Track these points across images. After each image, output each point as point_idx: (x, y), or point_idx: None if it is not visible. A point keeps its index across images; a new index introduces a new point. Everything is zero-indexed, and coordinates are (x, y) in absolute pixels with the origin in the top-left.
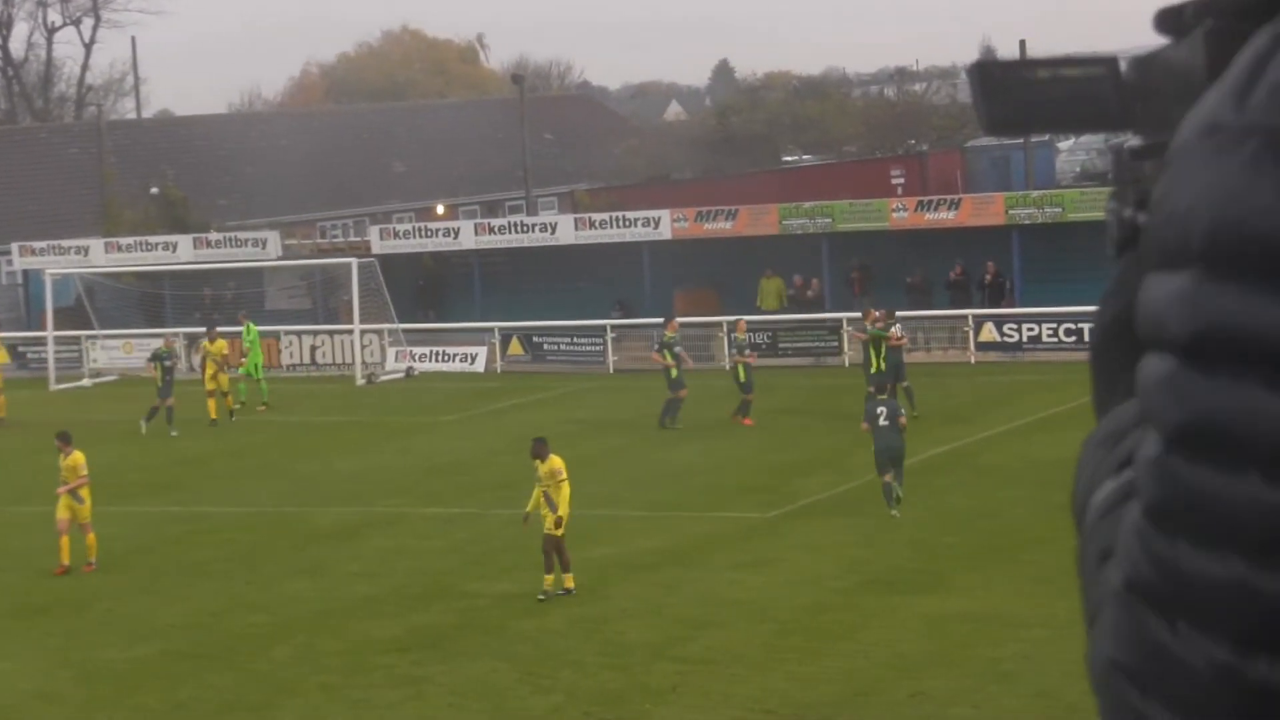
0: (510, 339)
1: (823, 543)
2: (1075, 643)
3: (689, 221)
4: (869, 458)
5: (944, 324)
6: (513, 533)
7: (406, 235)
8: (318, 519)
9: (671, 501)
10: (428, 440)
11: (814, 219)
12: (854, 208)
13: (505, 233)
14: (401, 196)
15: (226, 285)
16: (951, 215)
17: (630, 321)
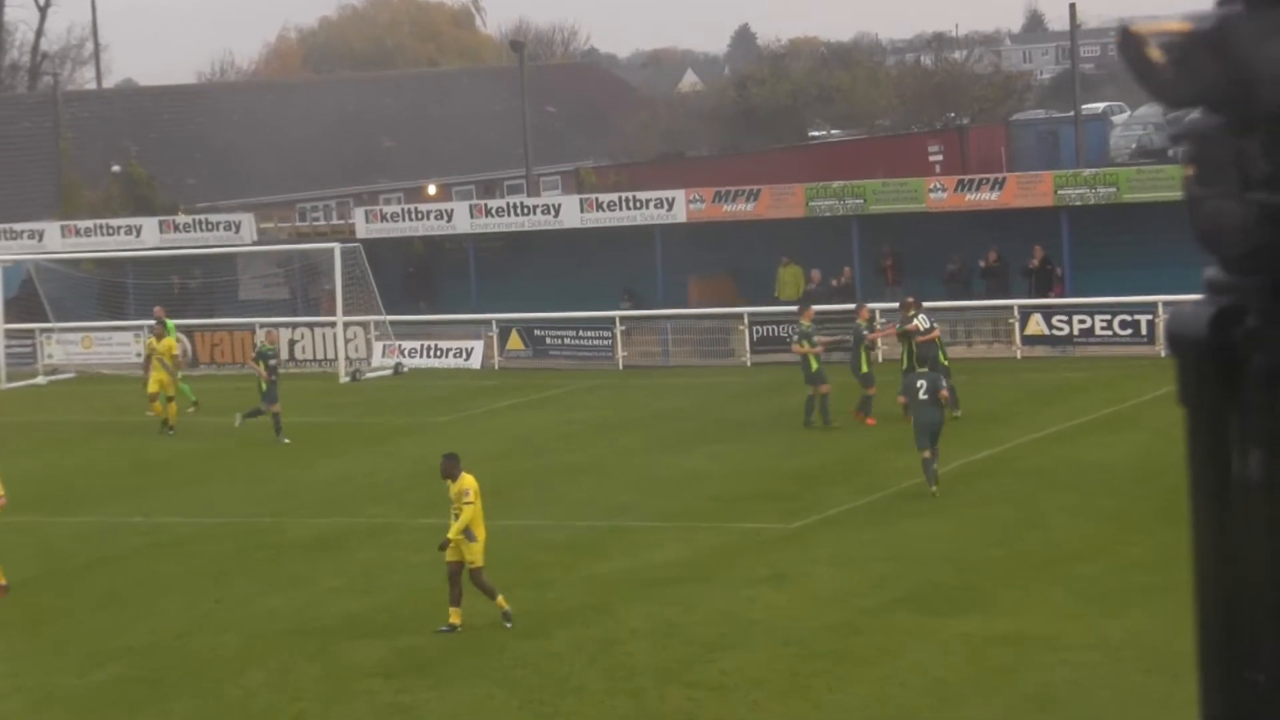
0: (509, 332)
1: (851, 556)
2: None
3: (706, 203)
4: (902, 463)
5: (986, 316)
6: (512, 545)
7: (395, 218)
8: (295, 530)
9: (685, 511)
10: (418, 443)
11: (843, 200)
12: (887, 188)
13: (503, 215)
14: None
15: (195, 273)
16: (995, 196)
17: (641, 313)
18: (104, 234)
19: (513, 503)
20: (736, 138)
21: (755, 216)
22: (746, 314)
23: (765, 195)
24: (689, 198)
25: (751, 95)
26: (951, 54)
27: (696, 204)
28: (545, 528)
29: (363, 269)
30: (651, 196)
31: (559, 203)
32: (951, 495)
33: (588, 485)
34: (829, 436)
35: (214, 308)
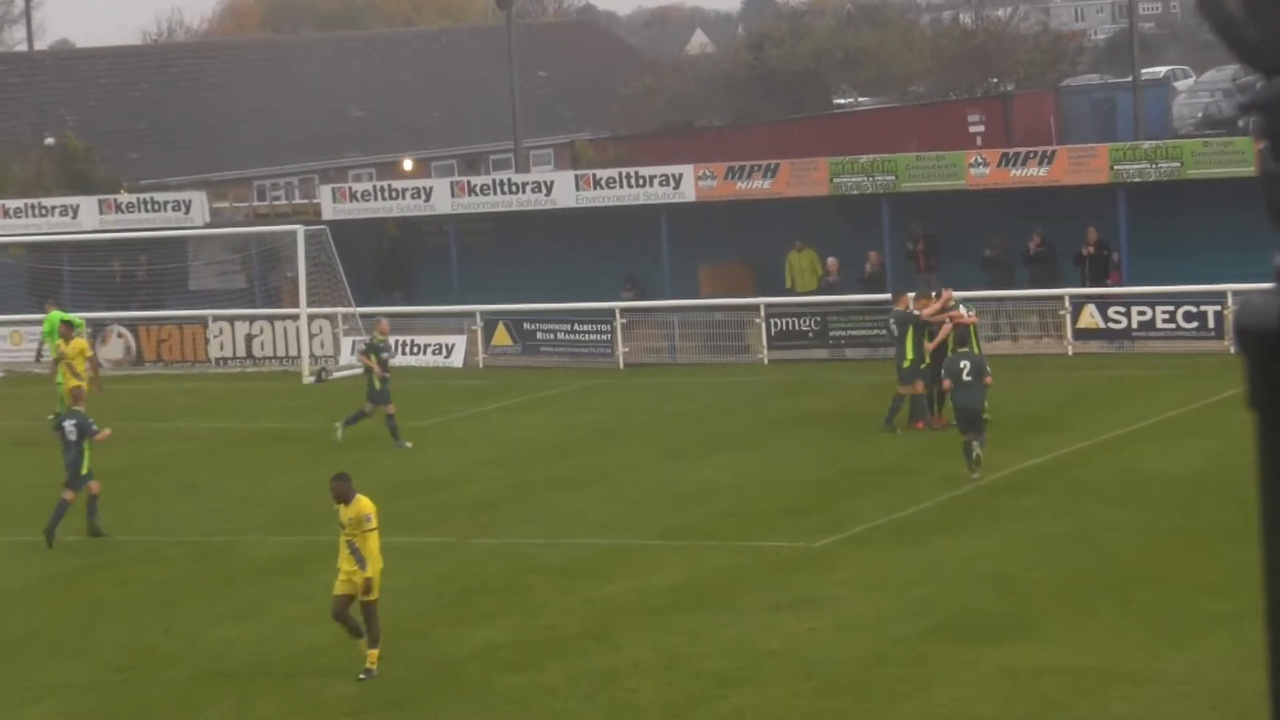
0: (495, 326)
1: (881, 579)
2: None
3: (717, 180)
4: (939, 472)
5: (1033, 307)
6: (499, 567)
7: (365, 197)
8: (253, 549)
9: (693, 528)
10: (392, 452)
11: (872, 177)
12: (922, 162)
13: (489, 193)
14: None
15: (140, 260)
16: (1043, 171)
17: (645, 304)
18: (36, 215)
19: (500, 519)
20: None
21: (773, 195)
22: (763, 305)
23: (784, 171)
24: (698, 174)
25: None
26: (994, 12)
27: (707, 181)
28: (536, 547)
29: (329, 254)
30: (656, 173)
31: (551, 180)
32: (994, 509)
33: (584, 499)
34: (856, 444)
35: (161, 299)
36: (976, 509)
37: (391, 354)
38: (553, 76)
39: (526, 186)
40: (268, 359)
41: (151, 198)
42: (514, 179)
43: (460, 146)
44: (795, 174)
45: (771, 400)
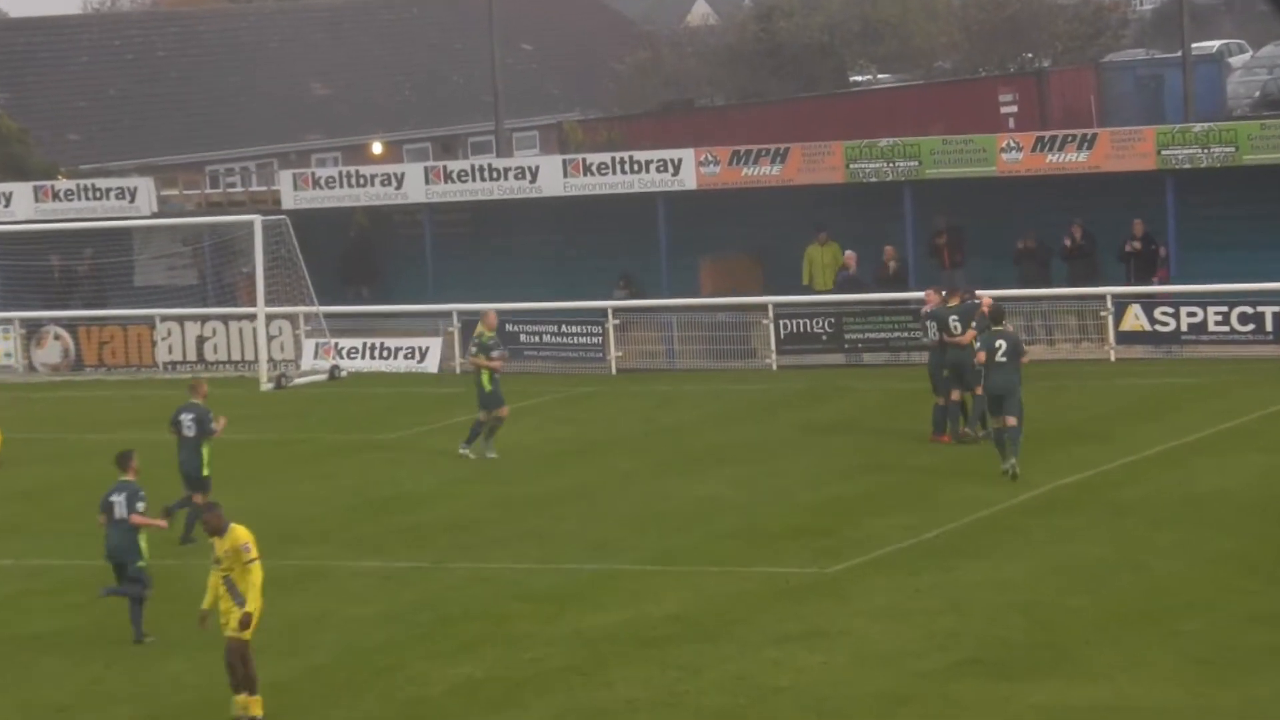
0: (474, 327)
1: (903, 608)
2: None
3: (721, 165)
4: (966, 490)
5: (1071, 307)
6: (478, 594)
7: (330, 183)
8: (203, 575)
9: (694, 550)
10: (359, 466)
11: (893, 162)
12: (949, 147)
13: (467, 180)
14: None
15: (82, 252)
16: (1082, 157)
17: (640, 303)
18: None
19: (479, 540)
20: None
21: (783, 182)
22: (772, 304)
23: (795, 156)
24: (700, 159)
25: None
26: None
27: (709, 167)
28: (520, 571)
29: (290, 247)
30: (653, 158)
31: (537, 165)
32: (1028, 531)
33: (573, 518)
34: (875, 458)
35: (104, 296)
36: (1008, 530)
37: (502, 351)
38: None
39: (509, 172)
40: (221, 363)
41: (93, 184)
42: (495, 164)
43: (435, 128)
44: (807, 159)
45: (781, 410)
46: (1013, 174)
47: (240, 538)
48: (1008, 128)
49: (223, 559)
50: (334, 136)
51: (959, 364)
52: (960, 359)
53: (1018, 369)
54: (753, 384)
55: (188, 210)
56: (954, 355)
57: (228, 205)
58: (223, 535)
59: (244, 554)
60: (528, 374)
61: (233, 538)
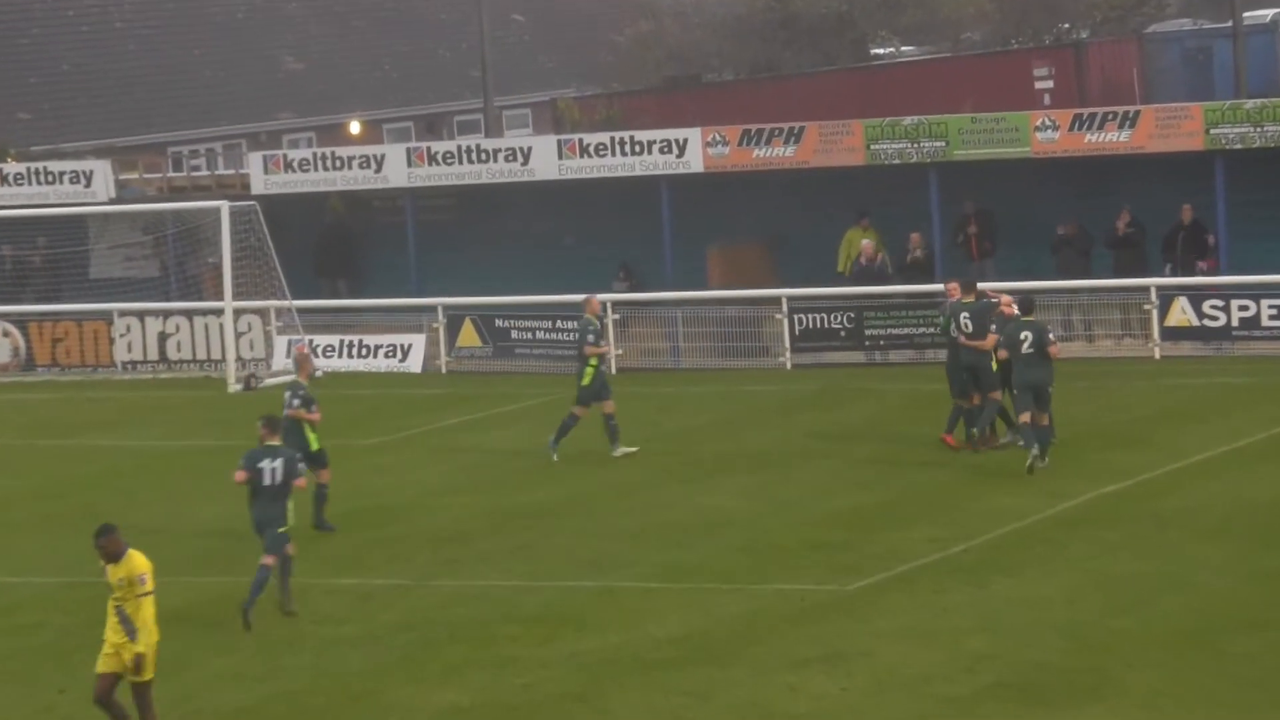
0: (461, 323)
1: (929, 628)
2: None
3: (730, 146)
4: (999, 500)
5: (1113, 300)
6: (465, 614)
7: (304, 166)
8: (167, 593)
9: (700, 566)
10: (335, 475)
11: (918, 143)
12: (978, 125)
13: (453, 162)
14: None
15: (34, 242)
16: (1124, 136)
17: (642, 296)
18: None
19: (466, 556)
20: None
21: (798, 164)
22: (786, 298)
23: (811, 136)
24: (707, 139)
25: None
26: None
27: (717, 148)
28: (510, 589)
29: (260, 236)
30: (656, 138)
31: (529, 145)
32: (1065, 545)
33: (568, 531)
34: (897, 465)
35: (58, 290)
36: (1043, 544)
37: (601, 336)
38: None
39: (499, 154)
40: (185, 362)
41: (45, 167)
42: (483, 145)
43: (418, 106)
44: (824, 139)
45: (795, 413)
46: (1048, 155)
47: (137, 568)
48: (1042, 105)
49: (116, 587)
50: (308, 115)
51: (974, 366)
52: (976, 361)
53: (1048, 361)
54: (765, 384)
55: (148, 196)
56: (967, 357)
57: (192, 190)
58: (119, 562)
59: (138, 585)
60: (518, 374)
61: (129, 566)
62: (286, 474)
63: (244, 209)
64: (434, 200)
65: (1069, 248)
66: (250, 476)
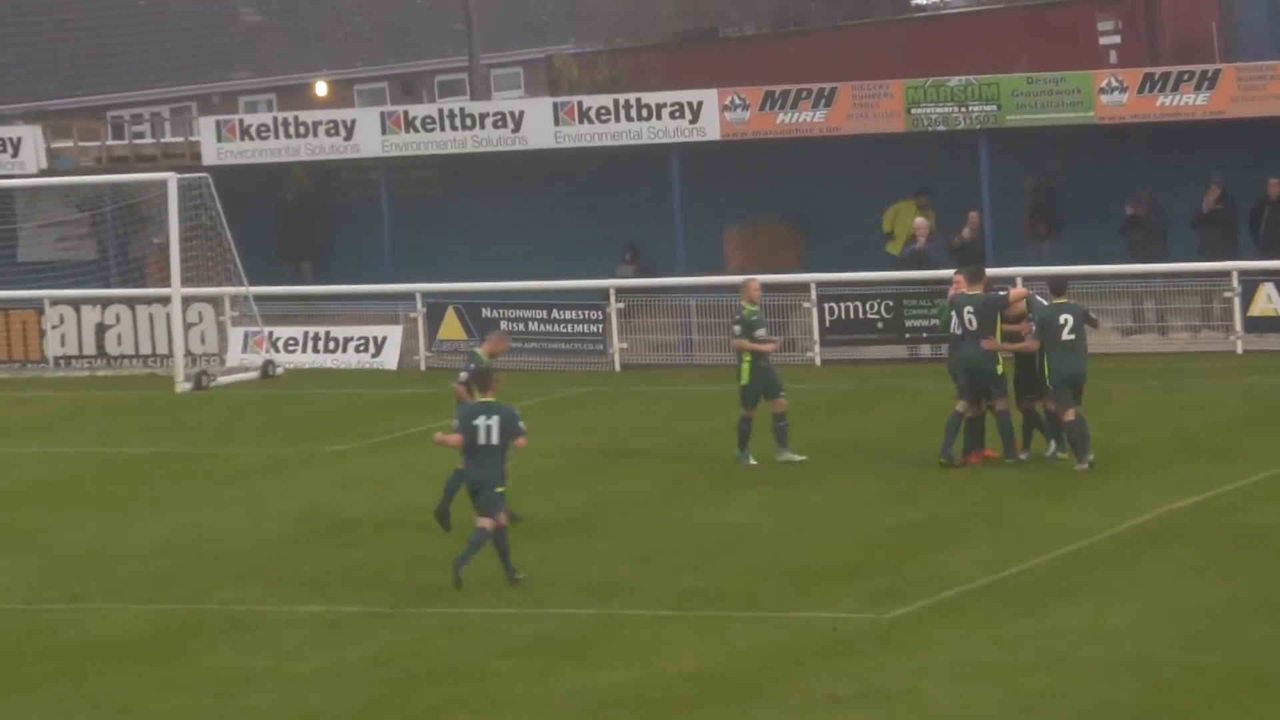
0: (444, 312)
1: (979, 664)
2: None
3: (751, 109)
4: (1057, 515)
5: (1190, 286)
6: (448, 647)
7: (263, 133)
8: (105, 624)
9: (717, 592)
10: (299, 487)
11: (966, 106)
12: (1035, 87)
13: (434, 129)
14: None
15: None
16: (1202, 99)
17: (651, 282)
18: None
19: (448, 580)
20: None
21: (829, 131)
22: (814, 283)
23: (843, 98)
24: (724, 102)
25: None
26: None
27: (736, 112)
28: (501, 619)
29: (213, 214)
30: (666, 100)
31: (520, 109)
32: (1135, 567)
33: (567, 553)
34: (942, 476)
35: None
36: (1110, 566)
37: (760, 326)
38: None
39: (486, 119)
40: (127, 358)
41: None
42: (468, 109)
43: (394, 64)
44: (859, 102)
45: (826, 415)
46: (1115, 121)
47: None
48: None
49: None
50: (267, 74)
51: (973, 368)
52: (976, 362)
53: (1084, 348)
54: (791, 383)
55: (84, 167)
56: (969, 356)
57: (135, 161)
58: None
59: None
60: (511, 370)
61: None
62: (504, 432)
63: (194, 182)
64: (412, 172)
65: (1140, 228)
66: (465, 436)
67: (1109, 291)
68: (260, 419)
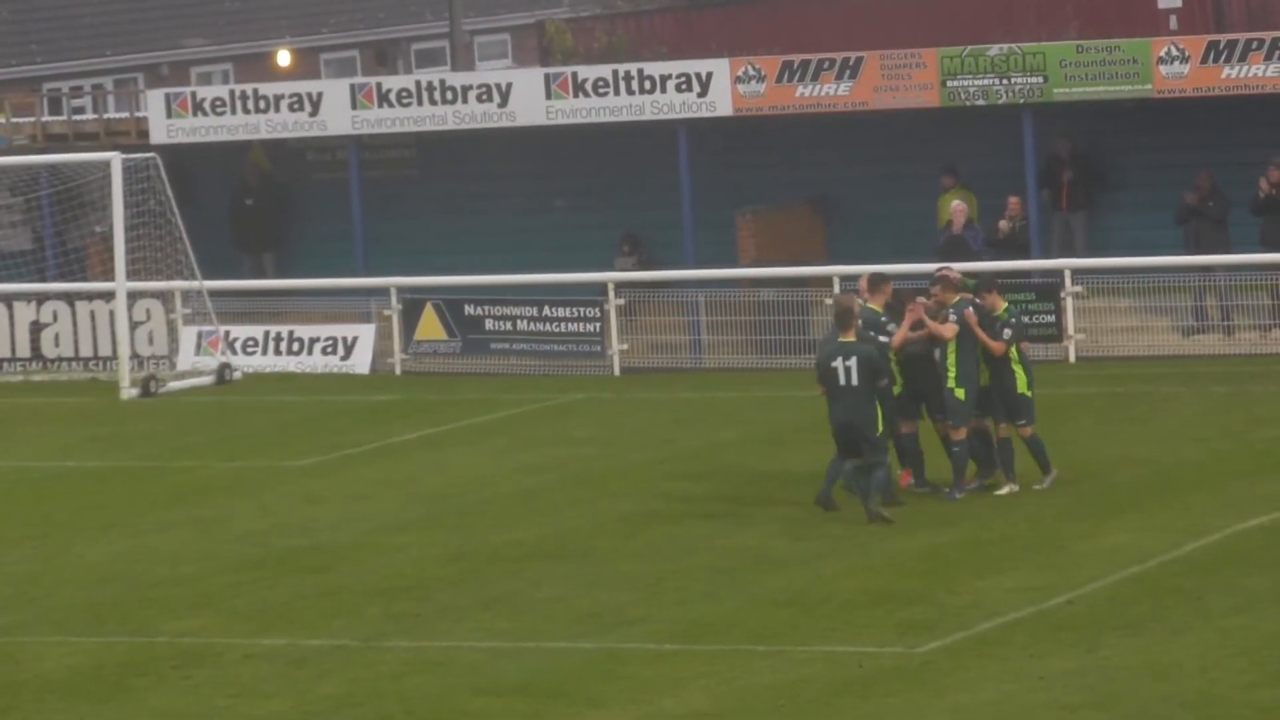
0: (421, 309)
1: (1023, 703)
2: None
3: (766, 81)
4: (1107, 539)
5: (1256, 280)
6: (425, 684)
7: (218, 108)
8: (41, 659)
9: (729, 622)
10: (258, 505)
11: (1008, 78)
12: (1085, 57)
13: (410, 103)
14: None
15: None
16: (1271, 70)
17: (654, 275)
18: None
19: (426, 610)
20: None
21: (854, 105)
22: (838, 276)
23: (870, 68)
24: (737, 73)
25: None
26: None
27: (750, 84)
28: (485, 653)
29: (162, 199)
30: (672, 71)
31: (507, 81)
32: (1198, 596)
33: (560, 579)
34: (982, 494)
35: None
36: (1170, 594)
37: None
38: None
39: (469, 93)
40: (65, 360)
41: None
42: (450, 81)
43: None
44: (888, 73)
45: None
46: (1175, 94)
47: None
48: (1168, 30)
49: None
50: (223, 42)
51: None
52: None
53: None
54: (811, 389)
55: (18, 146)
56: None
57: (74, 139)
58: None
59: None
60: (495, 375)
61: None
62: (865, 373)
63: (141, 163)
64: (386, 152)
65: (1199, 218)
66: (823, 379)
67: (1166, 286)
68: (216, 429)
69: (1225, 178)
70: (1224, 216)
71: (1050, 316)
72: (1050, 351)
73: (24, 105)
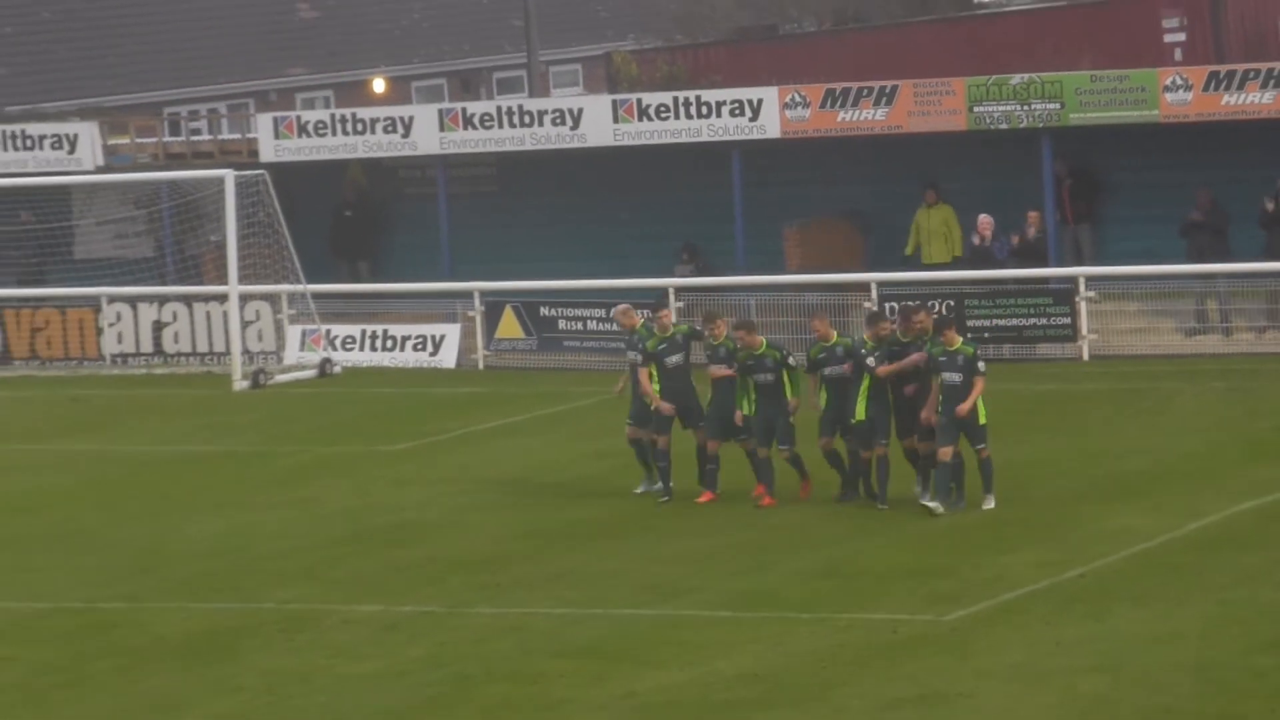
0: (501, 311)
1: (1040, 667)
2: None
3: (811, 107)
4: (1121, 519)
5: (1255, 286)
6: (504, 647)
7: (320, 130)
8: (160, 622)
9: (775, 593)
10: (355, 486)
11: (1028, 105)
12: (1099, 85)
13: (491, 126)
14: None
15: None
16: (1269, 98)
17: (709, 281)
18: None
19: (504, 581)
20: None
21: (890, 129)
22: (875, 283)
23: (904, 96)
24: (784, 100)
25: None
26: None
27: (796, 110)
28: (556, 619)
29: (270, 211)
30: (726, 98)
31: (579, 107)
32: (1200, 570)
33: (623, 554)
34: (1003, 477)
35: (42, 271)
36: (1173, 570)
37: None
38: None
39: (545, 116)
40: (184, 356)
41: (23, 130)
42: (527, 106)
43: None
44: (920, 100)
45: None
46: (1180, 119)
47: None
48: (1173, 61)
49: None
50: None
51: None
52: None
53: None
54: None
55: (141, 164)
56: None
57: (192, 157)
58: None
59: None
60: (567, 370)
61: None
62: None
63: (251, 179)
64: (469, 170)
65: (1201, 231)
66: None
67: (1171, 291)
68: (317, 418)
69: (1225, 195)
70: (1223, 228)
71: (1066, 319)
72: (1066, 350)
73: (147, 127)
